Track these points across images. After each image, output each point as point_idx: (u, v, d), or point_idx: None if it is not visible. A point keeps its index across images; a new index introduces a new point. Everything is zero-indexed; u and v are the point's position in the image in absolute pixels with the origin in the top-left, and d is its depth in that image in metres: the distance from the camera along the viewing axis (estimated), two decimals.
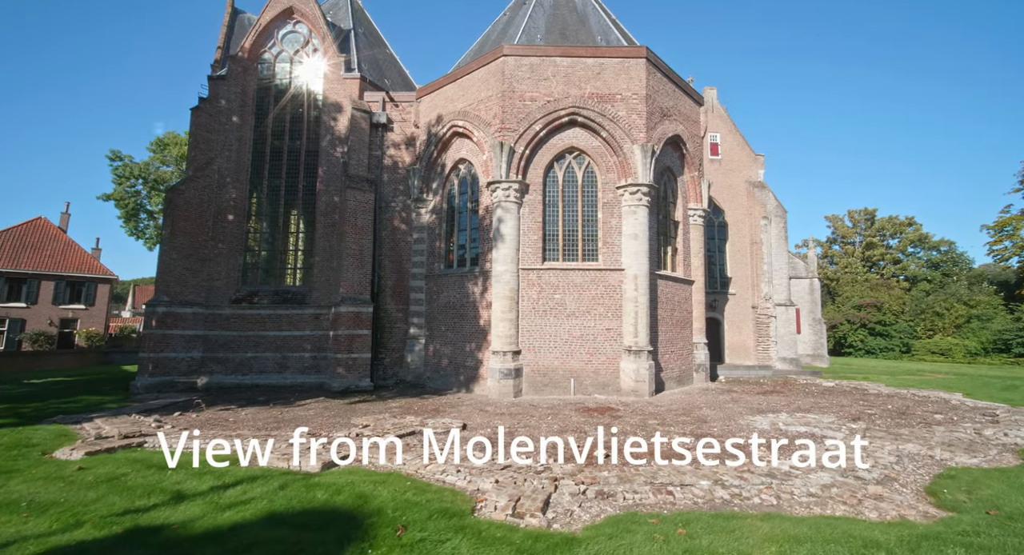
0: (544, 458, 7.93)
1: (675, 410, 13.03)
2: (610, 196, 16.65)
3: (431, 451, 7.76)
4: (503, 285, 15.81)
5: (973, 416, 12.06)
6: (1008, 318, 40.94)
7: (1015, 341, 37.66)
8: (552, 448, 8.62)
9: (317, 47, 20.60)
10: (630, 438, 9.54)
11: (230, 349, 18.44)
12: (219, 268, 18.88)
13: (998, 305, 44.57)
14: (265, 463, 7.37)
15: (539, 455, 8.09)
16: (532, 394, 15.59)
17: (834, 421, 10.97)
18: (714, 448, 8.43)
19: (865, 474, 6.97)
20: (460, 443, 8.90)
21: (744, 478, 6.54)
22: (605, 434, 9.95)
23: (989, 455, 8.13)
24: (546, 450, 8.45)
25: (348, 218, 18.14)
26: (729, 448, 8.54)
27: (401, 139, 19.94)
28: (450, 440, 9.12)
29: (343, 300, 17.68)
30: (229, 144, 19.52)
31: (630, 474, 6.71)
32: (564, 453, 8.34)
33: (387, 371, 18.89)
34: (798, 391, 16.95)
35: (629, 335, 15.89)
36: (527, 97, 16.40)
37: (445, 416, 12.07)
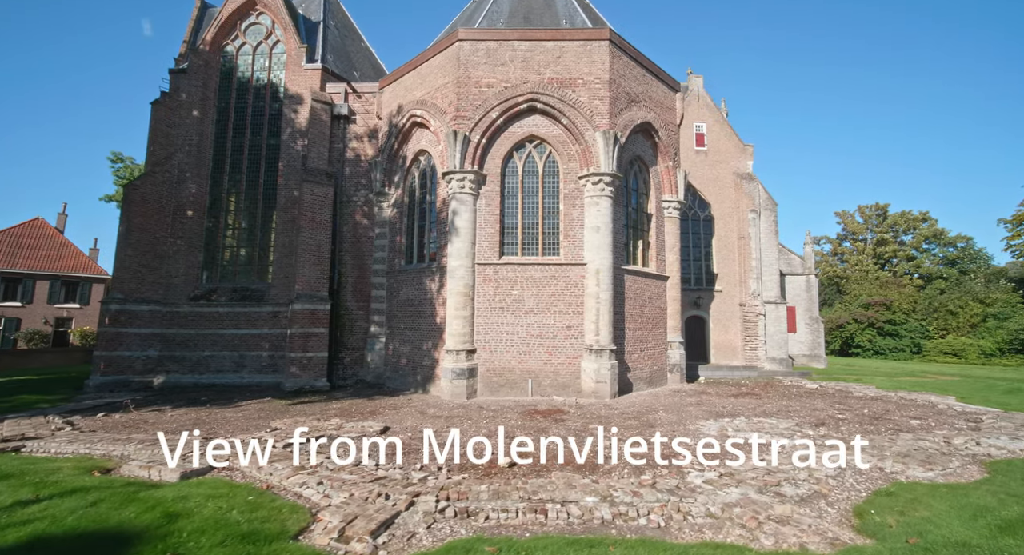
0: (439, 466, 7.15)
1: (628, 413, 12.11)
2: (572, 186, 15.76)
3: (305, 458, 7.02)
4: (457, 281, 15.03)
5: (954, 422, 10.93)
6: None
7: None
8: (455, 456, 7.86)
9: (280, 38, 20.08)
10: (558, 443, 8.70)
11: (187, 348, 17.97)
12: (178, 265, 18.43)
13: (1016, 303, 42.43)
14: (129, 472, 6.71)
15: (434, 463, 7.32)
16: (487, 395, 14.78)
17: (792, 427, 9.97)
18: (638, 458, 7.60)
19: (789, 490, 6.04)
20: (359, 450, 8.17)
21: (639, 494, 5.67)
22: (533, 440, 9.13)
23: (949, 468, 7.11)
24: (446, 458, 7.69)
25: (305, 212, 17.54)
26: (658, 458, 7.70)
27: (364, 131, 19.30)
28: (354, 446, 8.40)
29: (298, 297, 17.08)
30: (190, 138, 19.08)
31: (512, 488, 5.88)
32: (461, 461, 7.55)
33: (347, 371, 18.24)
34: (776, 394, 15.86)
35: (590, 333, 14.98)
36: (483, 83, 15.61)
37: (377, 419, 11.35)
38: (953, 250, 58.82)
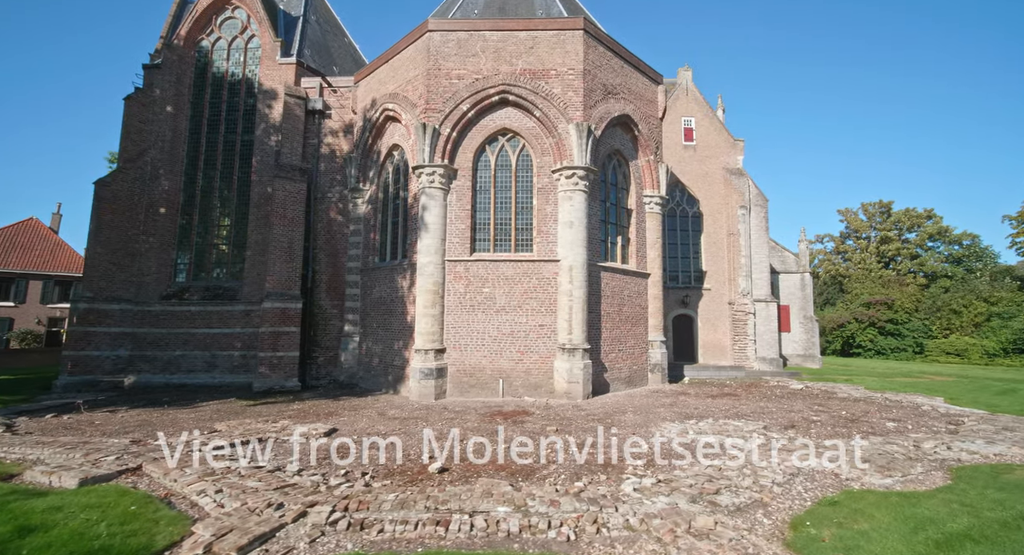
0: (365, 471, 6.75)
1: (595, 415, 11.64)
2: (545, 181, 15.31)
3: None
4: (426, 278, 14.62)
5: (934, 424, 10.38)
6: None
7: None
8: (386, 459, 7.46)
9: (255, 33, 19.77)
10: (505, 446, 8.29)
11: (159, 347, 17.68)
12: (150, 263, 18.15)
13: (1022, 302, 41.45)
14: (31, 478, 6.35)
15: (360, 468, 6.92)
16: (457, 396, 14.36)
17: (758, 430, 9.46)
18: (581, 463, 7.18)
19: (727, 499, 5.56)
20: (288, 454, 7.79)
21: (558, 504, 5.22)
22: (481, 443, 8.72)
23: (910, 474, 6.60)
24: (371, 461, 7.30)
25: (276, 209, 17.20)
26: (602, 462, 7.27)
27: (339, 126, 18.94)
28: (288, 449, 8.04)
29: (268, 296, 16.74)
30: (163, 134, 18.81)
31: (424, 496, 5.45)
32: (392, 466, 7.14)
33: (320, 371, 17.88)
34: (757, 395, 15.32)
35: (563, 332, 14.52)
36: (454, 75, 15.19)
37: (331, 420, 10.96)
38: (958, 248, 57.68)
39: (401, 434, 9.47)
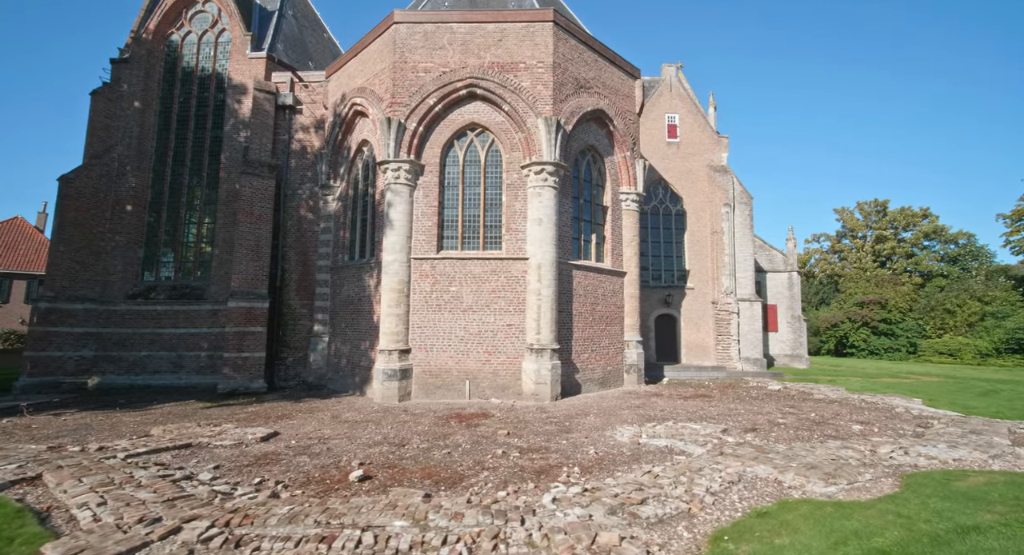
0: (279, 481, 6.37)
1: (556, 418, 11.26)
2: (515, 177, 14.93)
3: (123, 472, 6.25)
4: (391, 277, 14.24)
5: (902, 427, 9.99)
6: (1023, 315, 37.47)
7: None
8: (312, 466, 7.09)
9: (226, 27, 19.39)
10: (444, 451, 7.91)
11: (124, 348, 17.31)
12: (115, 262, 17.78)
13: (1016, 301, 41.01)
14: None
15: (273, 478, 6.53)
16: (422, 397, 13.98)
17: (716, 433, 9.07)
18: (516, 469, 6.82)
19: (650, 509, 5.18)
20: (206, 461, 7.41)
21: (461, 517, 4.83)
22: (432, 447, 8.36)
23: (857, 481, 6.21)
24: (295, 468, 6.92)
25: (243, 206, 16.82)
26: (538, 469, 6.90)
27: (311, 122, 18.57)
28: (209, 456, 7.66)
29: (233, 295, 16.35)
30: (130, 130, 18.44)
31: (320, 508, 5.06)
32: (311, 472, 6.76)
33: (289, 372, 17.50)
34: (731, 396, 14.93)
35: (532, 332, 14.14)
36: (420, 68, 14.81)
37: (279, 423, 10.59)
38: (954, 247, 57.24)
39: (344, 438, 9.10)
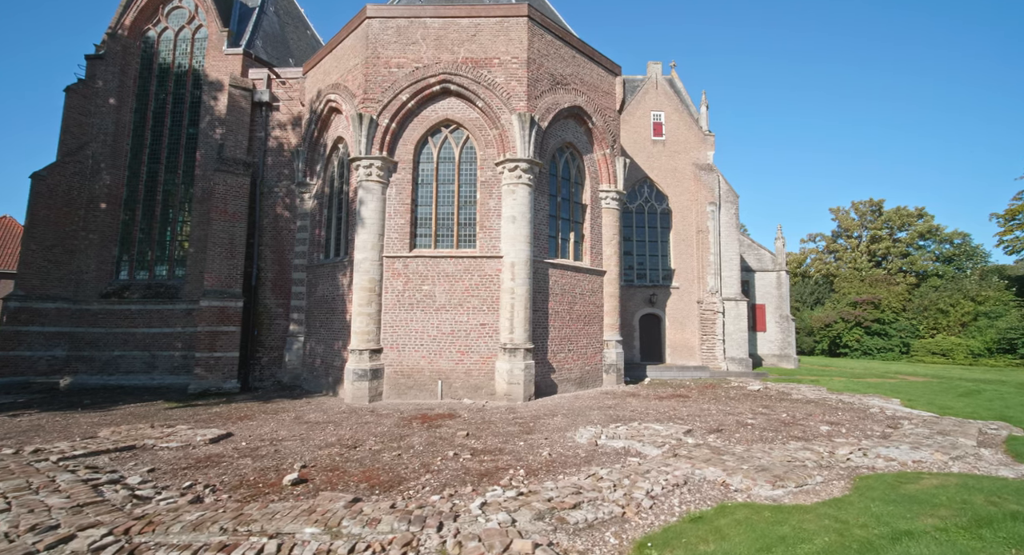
0: (209, 485, 6.16)
1: (523, 418, 11.05)
2: (489, 174, 14.73)
3: (45, 476, 6.04)
4: (362, 275, 14.02)
5: (870, 427, 9.79)
6: (1016, 315, 37.28)
7: (1020, 341, 34.13)
8: (252, 469, 6.89)
9: (202, 23, 19.18)
10: (393, 454, 7.72)
11: (97, 347, 17.09)
12: (89, 260, 17.56)
13: (1009, 301, 40.81)
14: None
15: (206, 481, 6.32)
16: (394, 398, 13.77)
17: (678, 434, 8.86)
18: (460, 472, 6.63)
19: (581, 514, 4.97)
20: (144, 463, 7.20)
21: (376, 523, 4.62)
22: (383, 449, 8.15)
23: (807, 484, 6.00)
24: (233, 471, 6.71)
25: (217, 204, 16.60)
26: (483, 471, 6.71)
27: (288, 119, 18.35)
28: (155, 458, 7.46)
29: (206, 294, 16.13)
30: (105, 127, 18.22)
31: (234, 514, 4.85)
32: (248, 475, 6.56)
33: (264, 372, 17.28)
34: (708, 396, 14.72)
35: (505, 331, 13.94)
36: (393, 63, 14.61)
37: (239, 424, 10.38)
38: (949, 247, 57.10)
39: (298, 440, 8.89)
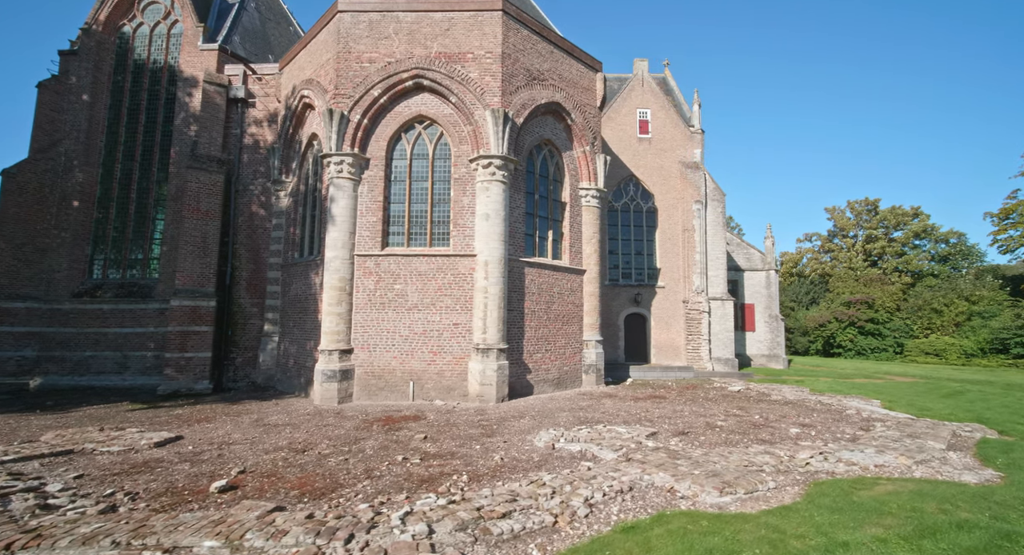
0: (130, 492, 5.89)
1: (489, 420, 10.77)
2: (463, 171, 14.45)
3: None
4: (332, 274, 13.75)
5: (842, 430, 9.52)
6: (1010, 315, 37.02)
7: (1013, 341, 33.87)
8: (184, 475, 6.61)
9: (178, 18, 18.90)
10: (338, 459, 7.44)
11: (68, 347, 16.81)
12: (61, 259, 17.28)
13: (1003, 301, 40.57)
14: None
15: (134, 488, 6.05)
16: (365, 399, 13.49)
17: (641, 436, 8.59)
18: (402, 478, 6.36)
19: (508, 524, 4.69)
20: (74, 469, 6.93)
21: (281, 535, 4.35)
22: (332, 453, 7.88)
23: (757, 490, 5.73)
24: (165, 477, 6.44)
25: (189, 201, 16.33)
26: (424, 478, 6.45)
27: (264, 115, 18.07)
28: (92, 463, 7.19)
29: (177, 293, 15.86)
30: (79, 124, 17.95)
31: (135, 526, 4.58)
32: (177, 481, 6.28)
33: (238, 372, 17.00)
34: (686, 397, 14.45)
35: (478, 331, 13.67)
36: (365, 58, 14.33)
37: (195, 427, 10.11)
38: (944, 246, 56.85)
39: (248, 443, 8.62)
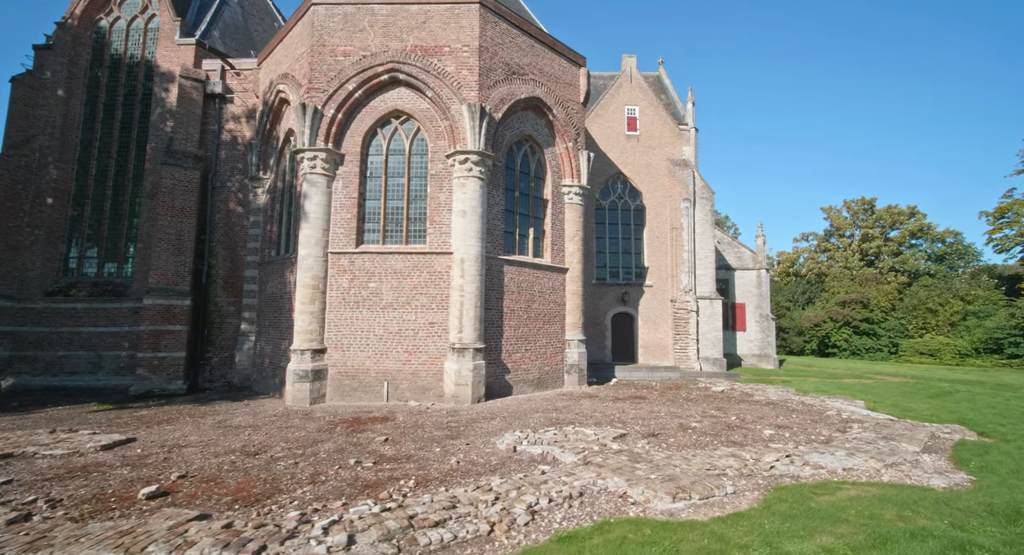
0: (51, 498, 5.60)
1: (459, 422, 10.49)
2: (440, 167, 14.17)
3: None
4: (305, 272, 13.46)
5: (818, 431, 9.24)
6: (1004, 314, 36.75)
7: (1007, 340, 33.61)
8: (118, 480, 6.33)
9: (156, 12, 18.61)
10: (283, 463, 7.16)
11: (41, 347, 16.51)
12: (34, 257, 16.98)
13: (998, 301, 40.30)
14: None
15: (55, 494, 5.76)
16: (338, 400, 13.20)
17: (608, 438, 8.31)
18: (344, 483, 6.09)
19: (439, 534, 4.41)
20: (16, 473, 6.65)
21: (187, 546, 4.06)
22: (285, 456, 7.59)
23: (714, 496, 5.45)
24: (98, 482, 6.16)
25: (164, 198, 16.04)
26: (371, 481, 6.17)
27: (242, 111, 17.78)
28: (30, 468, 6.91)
29: (150, 291, 15.57)
30: (53, 120, 17.65)
31: (33, 537, 4.30)
32: (108, 486, 5.99)
33: (215, 372, 16.71)
34: (667, 398, 14.17)
35: (454, 330, 13.38)
36: (339, 52, 14.04)
37: (154, 429, 9.82)
38: (941, 246, 56.63)
39: (200, 446, 8.32)
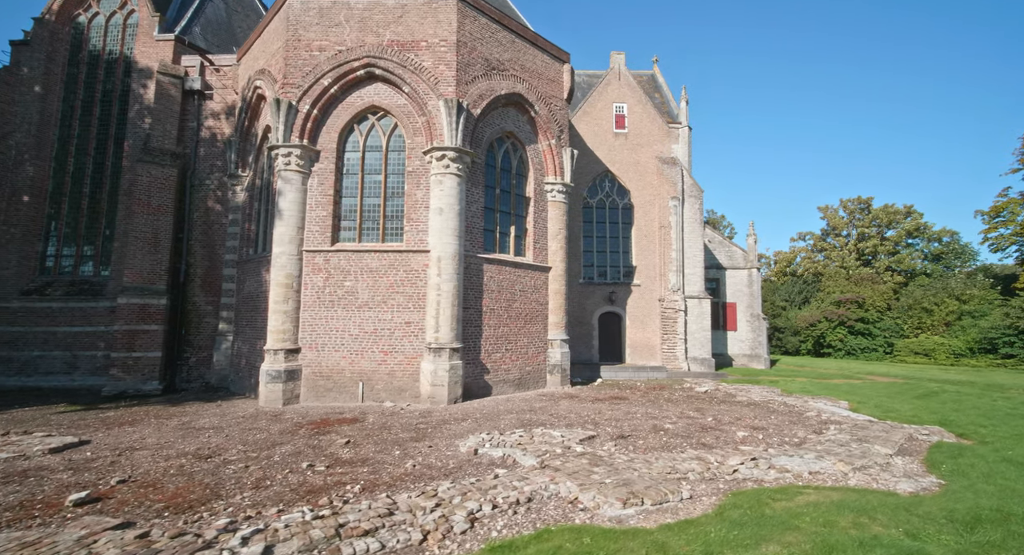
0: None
1: (429, 423, 10.25)
2: (417, 163, 13.93)
3: None
4: (279, 270, 13.21)
5: (793, 433, 9.01)
6: (999, 314, 36.54)
7: (1001, 340, 33.39)
8: (55, 484, 6.09)
9: (135, 7, 18.36)
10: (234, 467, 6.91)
11: (15, 347, 16.26)
12: (10, 256, 16.73)
13: (993, 300, 40.08)
14: None
15: None
16: (312, 401, 12.96)
17: (575, 440, 8.07)
18: (293, 490, 5.85)
19: (365, 544, 4.18)
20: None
21: (156, 548, 3.83)
22: (238, 459, 7.35)
23: (668, 502, 5.22)
24: (34, 487, 5.92)
25: (140, 196, 15.80)
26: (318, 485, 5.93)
27: (222, 108, 17.54)
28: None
29: (124, 290, 15.32)
30: (30, 117, 17.40)
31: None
32: (40, 491, 5.75)
33: (192, 373, 16.46)
34: (648, 398, 13.93)
35: (431, 330, 13.14)
36: (315, 47, 13.80)
37: (115, 430, 9.58)
38: (937, 245, 56.42)
39: (155, 449, 8.08)
